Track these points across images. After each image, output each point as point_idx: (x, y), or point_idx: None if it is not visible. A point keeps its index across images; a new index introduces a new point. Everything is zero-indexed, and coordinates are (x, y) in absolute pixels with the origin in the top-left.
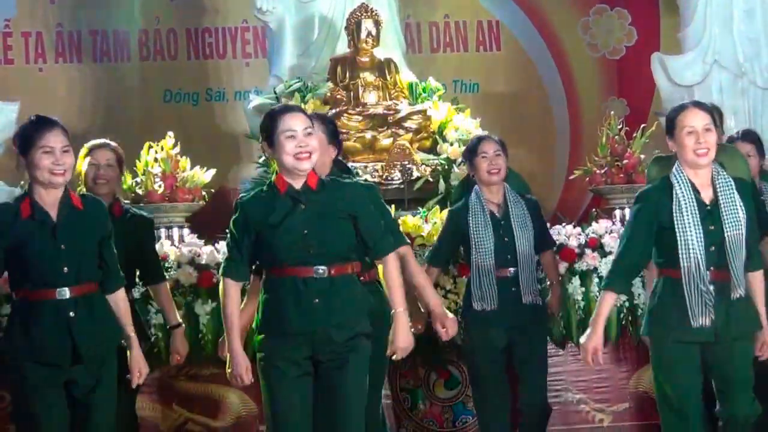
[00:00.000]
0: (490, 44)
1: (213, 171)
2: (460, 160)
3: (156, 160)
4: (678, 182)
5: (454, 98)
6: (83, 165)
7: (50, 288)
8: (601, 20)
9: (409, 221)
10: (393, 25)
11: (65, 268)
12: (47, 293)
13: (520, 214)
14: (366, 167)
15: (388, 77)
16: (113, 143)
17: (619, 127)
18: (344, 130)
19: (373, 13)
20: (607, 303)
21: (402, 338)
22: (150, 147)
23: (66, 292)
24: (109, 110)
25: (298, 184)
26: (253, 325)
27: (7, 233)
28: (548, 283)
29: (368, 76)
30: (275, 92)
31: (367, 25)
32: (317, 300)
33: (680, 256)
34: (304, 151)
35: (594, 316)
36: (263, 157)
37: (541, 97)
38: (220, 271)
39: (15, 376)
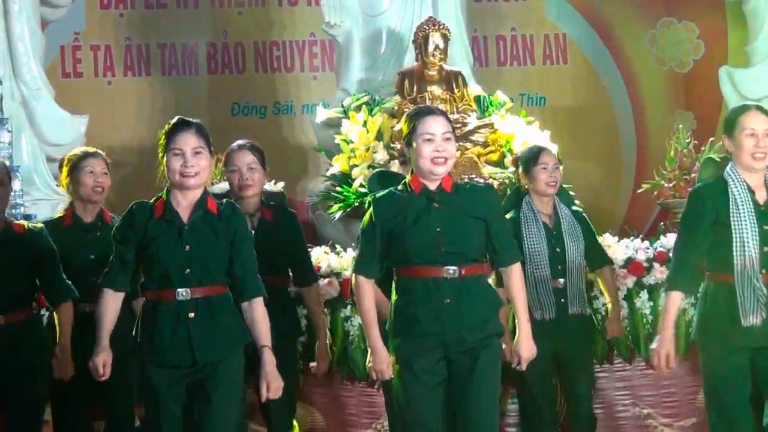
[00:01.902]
0: (556, 57)
1: (281, 184)
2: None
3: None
4: (733, 181)
5: (522, 111)
6: (81, 176)
7: (172, 288)
8: (668, 33)
9: None
10: (460, 39)
11: (188, 270)
12: (169, 294)
13: (569, 224)
14: None
15: (456, 90)
16: (102, 152)
17: (687, 140)
18: None
19: (441, 27)
20: (675, 304)
21: (526, 347)
22: (218, 160)
23: (187, 294)
24: None
25: (432, 186)
26: (386, 328)
27: (140, 230)
28: (607, 302)
29: (436, 90)
30: (343, 106)
31: (435, 38)
32: (448, 300)
33: (734, 253)
34: (440, 156)
35: (662, 320)
36: (330, 171)
37: (608, 110)
38: (353, 268)
39: (142, 378)
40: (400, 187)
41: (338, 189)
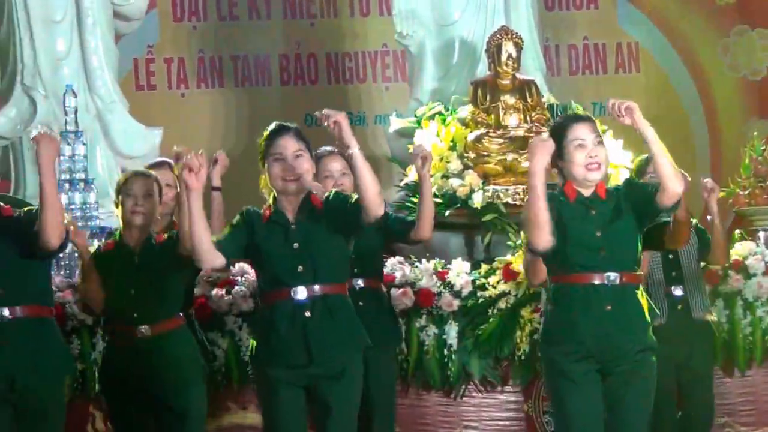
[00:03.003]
0: (629, 66)
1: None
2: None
3: None
4: None
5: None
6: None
7: (286, 287)
8: (742, 41)
9: None
10: (533, 48)
11: (300, 267)
12: (283, 293)
13: None
14: (507, 190)
15: (529, 100)
16: (152, 173)
17: (762, 148)
18: (485, 153)
19: (514, 36)
20: None
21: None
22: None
23: (302, 292)
24: (251, 135)
25: (587, 193)
26: (538, 337)
27: (251, 232)
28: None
29: (509, 99)
30: (416, 115)
31: (508, 47)
32: (609, 307)
33: None
34: (594, 161)
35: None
36: (404, 181)
37: (681, 118)
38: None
39: (257, 379)
40: (557, 191)
41: (412, 199)
